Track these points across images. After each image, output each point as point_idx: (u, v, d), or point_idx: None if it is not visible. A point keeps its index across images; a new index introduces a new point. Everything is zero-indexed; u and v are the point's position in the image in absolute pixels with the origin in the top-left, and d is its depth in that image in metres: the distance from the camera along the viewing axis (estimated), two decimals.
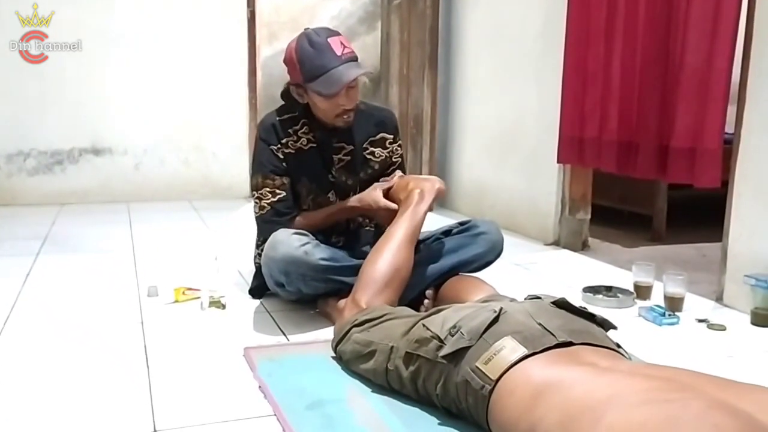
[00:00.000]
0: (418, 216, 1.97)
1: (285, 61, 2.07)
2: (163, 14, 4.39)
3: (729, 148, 2.34)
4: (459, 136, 4.29)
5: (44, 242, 3.18)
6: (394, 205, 2.06)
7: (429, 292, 2.08)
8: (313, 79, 1.98)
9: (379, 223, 2.22)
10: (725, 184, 2.37)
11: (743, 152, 2.27)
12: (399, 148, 2.30)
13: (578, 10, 2.98)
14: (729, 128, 2.39)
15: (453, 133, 4.35)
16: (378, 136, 2.25)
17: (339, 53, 1.98)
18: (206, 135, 4.58)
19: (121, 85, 4.37)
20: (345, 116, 2.08)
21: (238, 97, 4.60)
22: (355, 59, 2.02)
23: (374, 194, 2.10)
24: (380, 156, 2.25)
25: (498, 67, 3.80)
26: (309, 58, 1.98)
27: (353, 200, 2.16)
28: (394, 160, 2.29)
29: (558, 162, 3.21)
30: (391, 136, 2.27)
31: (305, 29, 2.06)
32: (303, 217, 2.15)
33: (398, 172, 2.24)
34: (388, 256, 1.86)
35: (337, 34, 2.04)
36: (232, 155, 4.63)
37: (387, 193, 2.11)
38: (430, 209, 2.02)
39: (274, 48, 5.38)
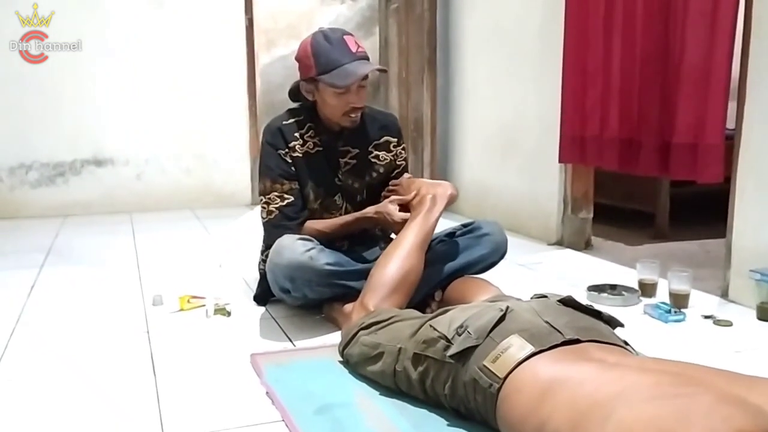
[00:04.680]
0: (430, 222, 1.97)
1: (297, 58, 2.09)
2: (161, 22, 4.40)
3: (730, 143, 2.34)
4: (460, 138, 4.29)
5: (48, 254, 3.18)
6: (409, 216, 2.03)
7: (438, 293, 2.08)
8: (327, 72, 2.00)
9: (392, 231, 2.21)
10: (727, 180, 2.37)
11: (745, 147, 2.27)
12: (403, 152, 2.31)
13: (576, 8, 2.99)
14: (730, 124, 2.39)
15: (453, 135, 4.36)
16: (382, 140, 2.25)
17: (353, 50, 2.01)
18: (207, 143, 4.58)
19: (121, 96, 4.37)
20: (353, 115, 2.08)
21: (237, 105, 4.60)
22: (367, 59, 2.05)
23: (390, 208, 2.05)
24: (385, 159, 2.25)
25: (497, 68, 3.81)
26: (324, 51, 2.01)
27: (370, 211, 2.12)
28: (398, 163, 2.29)
29: (560, 162, 3.21)
30: (395, 140, 2.28)
31: (319, 28, 2.09)
32: (319, 224, 2.13)
33: (407, 174, 2.24)
34: (398, 260, 1.87)
35: (351, 34, 2.07)
36: (234, 163, 4.64)
37: (406, 207, 2.06)
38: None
39: (272, 55, 5.40)
